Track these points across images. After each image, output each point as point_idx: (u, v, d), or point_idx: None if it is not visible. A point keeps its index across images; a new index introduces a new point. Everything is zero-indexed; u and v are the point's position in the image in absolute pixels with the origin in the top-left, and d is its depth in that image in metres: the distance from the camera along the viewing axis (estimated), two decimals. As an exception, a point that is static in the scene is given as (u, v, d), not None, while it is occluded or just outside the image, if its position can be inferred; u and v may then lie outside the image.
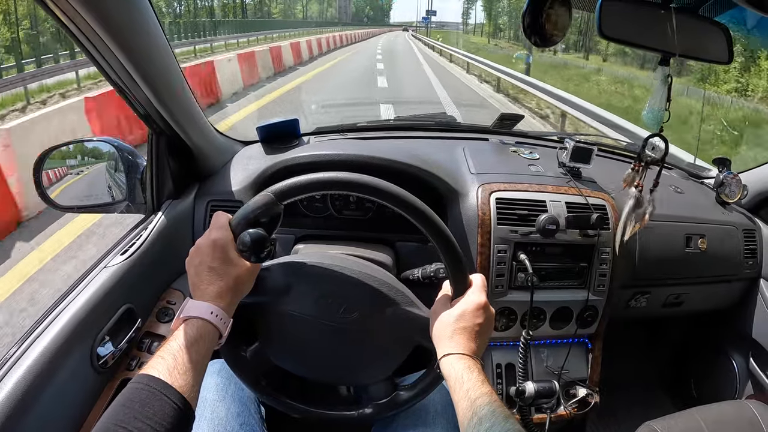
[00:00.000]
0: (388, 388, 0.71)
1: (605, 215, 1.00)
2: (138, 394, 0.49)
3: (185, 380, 0.51)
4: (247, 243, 0.59)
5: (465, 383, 0.56)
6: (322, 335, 0.68)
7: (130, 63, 0.69)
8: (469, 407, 0.53)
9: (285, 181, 0.62)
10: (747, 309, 1.24)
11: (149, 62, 0.72)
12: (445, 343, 0.60)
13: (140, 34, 0.68)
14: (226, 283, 0.60)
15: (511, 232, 0.96)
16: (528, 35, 0.56)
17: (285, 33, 26.74)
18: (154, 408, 0.48)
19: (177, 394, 0.50)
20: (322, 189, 0.63)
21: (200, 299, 0.59)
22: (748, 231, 1.20)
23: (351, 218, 1.02)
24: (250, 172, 0.99)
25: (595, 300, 1.02)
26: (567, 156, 1.06)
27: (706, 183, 1.33)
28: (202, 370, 0.55)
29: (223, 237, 0.61)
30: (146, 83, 0.74)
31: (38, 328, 0.72)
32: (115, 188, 1.07)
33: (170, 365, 0.51)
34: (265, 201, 0.62)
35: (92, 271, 0.83)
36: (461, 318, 0.61)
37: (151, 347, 0.88)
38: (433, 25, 77.92)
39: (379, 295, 0.67)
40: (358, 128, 1.22)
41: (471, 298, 0.63)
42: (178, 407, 0.49)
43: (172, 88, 0.80)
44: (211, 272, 0.60)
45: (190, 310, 0.57)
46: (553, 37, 0.56)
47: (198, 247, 0.62)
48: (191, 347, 0.54)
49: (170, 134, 0.90)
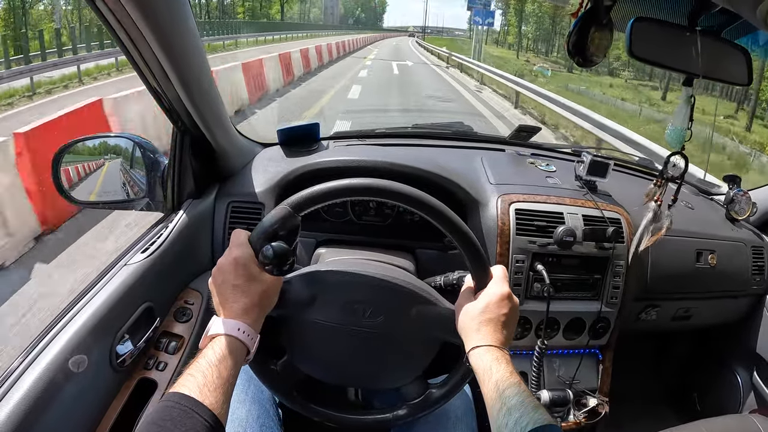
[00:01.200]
0: (420, 388, 0.71)
1: (620, 229, 1.01)
2: (170, 413, 0.49)
3: (215, 397, 0.51)
4: (270, 257, 0.59)
5: (494, 375, 0.56)
6: (350, 341, 0.68)
7: (167, 60, 0.69)
8: (497, 398, 0.54)
9: (301, 192, 0.63)
10: (752, 324, 1.26)
11: (185, 61, 0.73)
12: (473, 336, 0.61)
13: (180, 33, 0.69)
14: (251, 299, 0.60)
15: (530, 242, 0.97)
16: (571, 55, 0.57)
17: (256, 38, 22.04)
18: (186, 426, 0.48)
19: (208, 411, 0.50)
20: (337, 197, 0.64)
21: (227, 317, 0.59)
22: (757, 248, 1.22)
23: (370, 224, 1.03)
24: (271, 174, 0.99)
25: (607, 312, 1.03)
26: (584, 169, 1.07)
27: (716, 199, 1.35)
28: (231, 386, 0.55)
29: (243, 254, 0.61)
30: (180, 81, 0.74)
31: (58, 324, 0.72)
32: (131, 185, 1.07)
33: (200, 383, 0.52)
34: (282, 214, 0.62)
35: (113, 269, 0.83)
36: (486, 310, 0.62)
37: (168, 347, 0.88)
38: (428, 31, 75.23)
39: (403, 295, 0.67)
40: (376, 134, 1.23)
41: (494, 289, 0.64)
42: (210, 425, 0.49)
43: (202, 88, 0.81)
44: (235, 290, 0.60)
45: (217, 328, 0.58)
46: (594, 58, 0.58)
47: (220, 266, 0.62)
48: (220, 364, 0.54)
49: (195, 133, 0.90)
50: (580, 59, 0.57)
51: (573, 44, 0.57)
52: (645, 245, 0.84)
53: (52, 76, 8.67)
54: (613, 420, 1.07)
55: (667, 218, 0.83)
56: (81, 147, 1.05)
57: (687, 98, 0.76)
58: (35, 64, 8.26)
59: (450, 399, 0.71)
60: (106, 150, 1.06)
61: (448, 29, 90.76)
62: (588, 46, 0.57)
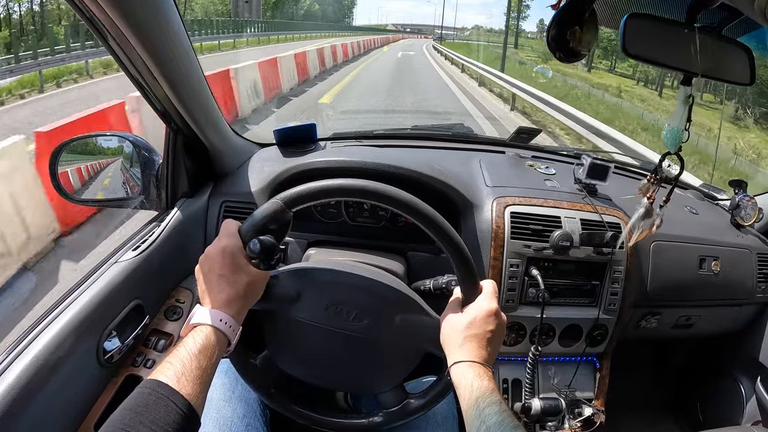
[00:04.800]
0: (398, 397, 0.70)
1: (619, 233, 0.99)
2: (145, 399, 0.49)
3: (192, 387, 0.51)
4: (257, 250, 0.59)
5: (474, 392, 0.55)
6: (331, 342, 0.67)
7: (151, 60, 0.69)
8: (477, 416, 0.53)
9: (294, 188, 0.62)
10: (757, 333, 1.23)
11: (170, 60, 0.72)
12: (455, 351, 0.60)
13: (163, 33, 0.69)
14: (235, 290, 0.60)
15: (525, 246, 0.95)
16: (552, 49, 0.56)
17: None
18: (160, 413, 0.48)
19: (184, 400, 0.50)
20: (331, 196, 0.63)
21: (210, 306, 0.59)
22: (763, 255, 1.18)
23: (364, 226, 1.02)
24: (265, 174, 0.99)
25: (605, 319, 1.01)
26: (583, 172, 1.05)
27: (721, 204, 1.32)
28: (210, 377, 0.55)
29: (232, 244, 0.61)
30: (166, 81, 0.74)
31: (46, 319, 0.72)
32: (129, 184, 1.08)
33: (178, 371, 0.51)
34: (274, 208, 0.62)
35: (103, 266, 0.83)
36: (472, 325, 0.61)
37: (157, 345, 0.88)
38: (435, 33, 68.27)
39: (390, 302, 0.67)
40: (374, 135, 1.22)
41: (482, 304, 0.63)
42: (184, 413, 0.49)
43: (191, 87, 0.81)
44: (220, 280, 0.60)
45: (200, 318, 0.58)
46: (578, 53, 0.56)
47: (207, 254, 0.62)
48: (200, 354, 0.54)
49: (187, 133, 0.90)
50: (562, 54, 0.56)
51: (552, 38, 0.55)
52: (634, 241, 0.83)
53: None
54: (612, 429, 1.04)
55: (658, 216, 0.81)
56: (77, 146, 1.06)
57: (685, 98, 0.73)
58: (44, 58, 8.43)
59: (428, 410, 0.71)
60: (102, 149, 1.07)
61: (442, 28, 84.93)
62: (569, 41, 0.55)
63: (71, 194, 1.00)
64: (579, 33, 0.55)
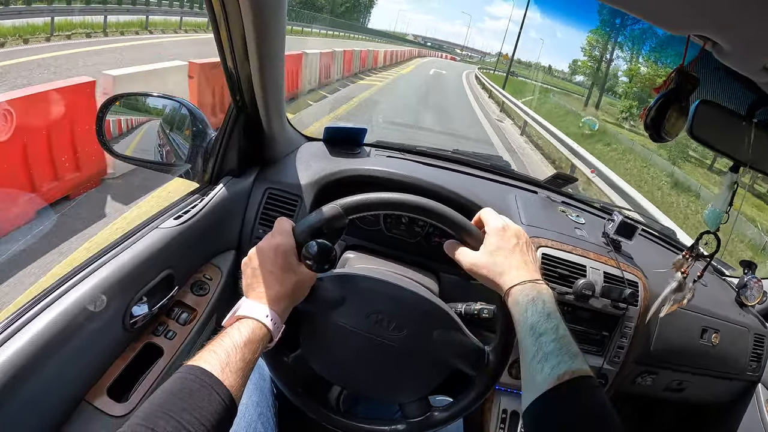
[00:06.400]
0: (422, 408, 0.71)
1: (637, 292, 1.03)
2: (189, 385, 0.48)
3: (235, 379, 0.51)
4: (313, 252, 0.60)
5: (529, 318, 0.55)
6: (367, 349, 0.68)
7: (254, 36, 0.70)
8: (533, 343, 0.53)
9: (354, 196, 0.64)
10: (740, 408, 1.28)
11: (268, 42, 0.73)
12: (501, 281, 0.60)
13: (271, 14, 0.70)
14: (284, 289, 0.60)
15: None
16: (647, 128, 0.59)
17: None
18: (204, 402, 0.47)
19: (227, 391, 0.49)
20: (390, 209, 0.65)
21: (257, 301, 0.59)
22: (759, 336, 1.24)
23: (398, 238, 1.03)
24: (314, 170, 1.00)
25: (608, 370, 1.04)
26: (613, 228, 1.09)
27: (729, 281, 1.37)
28: (250, 371, 0.55)
29: (286, 243, 0.62)
30: (258, 58, 0.75)
31: (81, 273, 0.72)
32: (167, 148, 1.07)
33: (223, 361, 0.51)
34: (333, 214, 0.63)
35: (144, 229, 0.83)
36: (499, 249, 0.62)
37: (180, 317, 0.88)
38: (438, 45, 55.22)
39: (429, 316, 0.68)
40: (417, 151, 1.24)
41: (494, 227, 0.64)
42: (226, 405, 0.48)
43: (275, 70, 0.82)
44: (270, 276, 0.60)
45: (248, 311, 0.58)
46: (666, 137, 0.60)
47: (259, 249, 0.62)
48: (245, 347, 0.53)
49: (251, 112, 0.91)
50: (654, 134, 0.59)
51: (651, 119, 0.59)
52: (665, 312, 0.86)
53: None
54: None
55: (690, 291, 0.85)
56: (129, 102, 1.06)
57: (731, 183, 0.78)
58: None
59: (450, 424, 0.72)
60: (154, 110, 1.07)
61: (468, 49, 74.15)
62: (664, 124, 0.58)
63: (115, 149, 0.99)
64: (673, 120, 0.58)
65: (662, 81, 0.58)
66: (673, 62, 0.61)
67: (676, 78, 0.59)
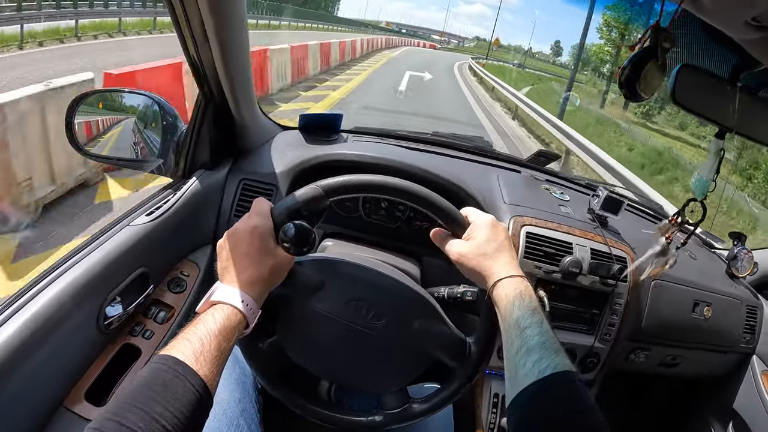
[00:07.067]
0: (401, 399, 0.70)
1: (625, 267, 1.01)
2: (161, 376, 0.46)
3: (210, 368, 0.48)
4: (291, 235, 0.58)
5: (515, 312, 0.55)
6: (345, 337, 0.67)
7: (213, 23, 0.68)
8: (518, 336, 0.53)
9: (336, 177, 0.62)
10: (735, 381, 1.27)
11: (229, 27, 0.71)
12: (490, 273, 0.59)
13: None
14: (260, 272, 0.57)
15: (536, 267, 0.96)
16: (621, 86, 0.57)
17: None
18: (177, 393, 0.45)
19: (201, 381, 0.47)
20: (372, 191, 0.63)
21: (231, 285, 0.56)
22: (752, 307, 1.23)
23: (378, 224, 1.01)
24: (289, 158, 0.98)
25: (599, 348, 1.03)
26: (598, 203, 1.07)
27: (719, 254, 1.36)
28: (226, 359, 0.52)
29: (263, 224, 0.59)
30: (219, 45, 0.73)
31: (51, 275, 0.70)
32: (141, 145, 1.05)
33: (197, 350, 0.49)
34: (313, 194, 0.61)
35: (114, 227, 0.81)
36: (488, 241, 0.61)
37: (157, 316, 0.86)
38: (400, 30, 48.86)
39: (411, 305, 0.66)
40: (396, 135, 1.22)
41: (480, 221, 0.63)
42: (200, 395, 0.46)
43: (239, 56, 0.79)
44: (246, 258, 0.57)
45: (222, 296, 0.55)
46: (642, 95, 0.57)
47: (236, 230, 0.59)
48: (219, 335, 0.51)
49: (219, 102, 0.88)
50: (628, 93, 0.57)
51: (626, 77, 0.57)
52: (646, 275, 0.85)
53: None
54: None
55: (672, 257, 0.83)
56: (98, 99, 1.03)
57: (717, 150, 0.76)
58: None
59: (430, 416, 0.70)
60: (130, 108, 1.03)
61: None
62: (639, 82, 0.56)
63: (84, 147, 0.96)
64: (649, 77, 0.56)
65: (637, 39, 0.56)
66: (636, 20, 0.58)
67: (652, 35, 0.57)
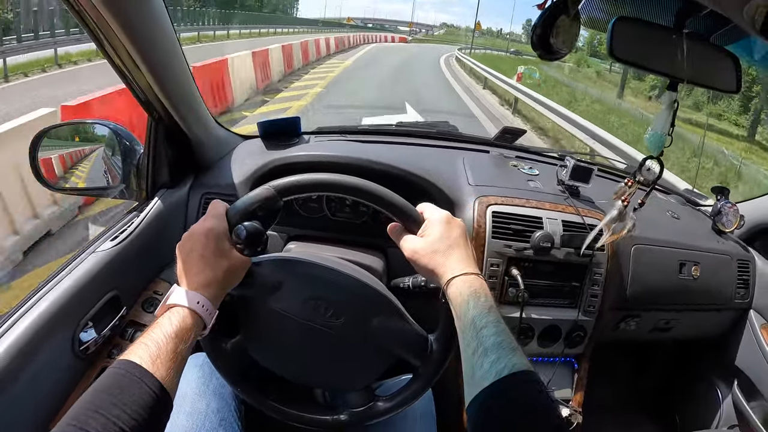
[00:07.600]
0: (365, 397, 0.70)
1: (601, 236, 0.99)
2: (118, 380, 0.47)
3: (167, 370, 0.50)
4: (242, 236, 0.59)
5: (471, 310, 0.54)
6: (304, 336, 0.67)
7: (133, 47, 0.68)
8: (474, 337, 0.52)
9: (288, 177, 0.62)
10: (734, 339, 1.24)
11: (153, 48, 0.72)
12: (443, 270, 0.59)
13: (146, 19, 0.68)
14: (215, 273, 0.58)
15: (506, 246, 0.95)
16: (535, 47, 0.56)
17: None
18: (134, 396, 0.46)
19: (158, 383, 0.48)
20: (325, 190, 0.63)
21: (187, 287, 0.57)
22: (743, 261, 1.20)
23: (344, 221, 1.01)
24: (248, 167, 0.98)
25: (584, 320, 1.02)
26: (567, 174, 1.06)
27: (703, 210, 1.33)
28: (184, 360, 0.54)
29: (217, 226, 0.60)
30: (148, 68, 0.73)
31: (21, 309, 0.71)
32: (111, 173, 1.07)
33: (153, 353, 0.50)
34: (266, 195, 0.61)
35: (80, 256, 0.82)
36: (443, 237, 0.60)
37: (134, 336, 0.87)
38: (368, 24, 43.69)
39: (369, 303, 0.66)
40: (359, 131, 1.22)
41: (434, 218, 0.62)
42: (158, 397, 0.48)
43: (174, 75, 0.80)
44: (201, 261, 0.58)
45: (177, 298, 0.56)
46: (558, 52, 0.56)
47: (191, 233, 0.61)
48: (176, 337, 0.52)
49: (169, 123, 0.89)
50: (544, 52, 0.56)
51: (537, 37, 0.55)
52: (603, 242, 0.83)
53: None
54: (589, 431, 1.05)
55: (630, 220, 0.81)
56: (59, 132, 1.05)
57: (670, 103, 0.74)
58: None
59: (396, 413, 0.70)
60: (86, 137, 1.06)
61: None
62: (554, 38, 0.55)
63: (50, 182, 0.98)
64: (563, 33, 0.55)
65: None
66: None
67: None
